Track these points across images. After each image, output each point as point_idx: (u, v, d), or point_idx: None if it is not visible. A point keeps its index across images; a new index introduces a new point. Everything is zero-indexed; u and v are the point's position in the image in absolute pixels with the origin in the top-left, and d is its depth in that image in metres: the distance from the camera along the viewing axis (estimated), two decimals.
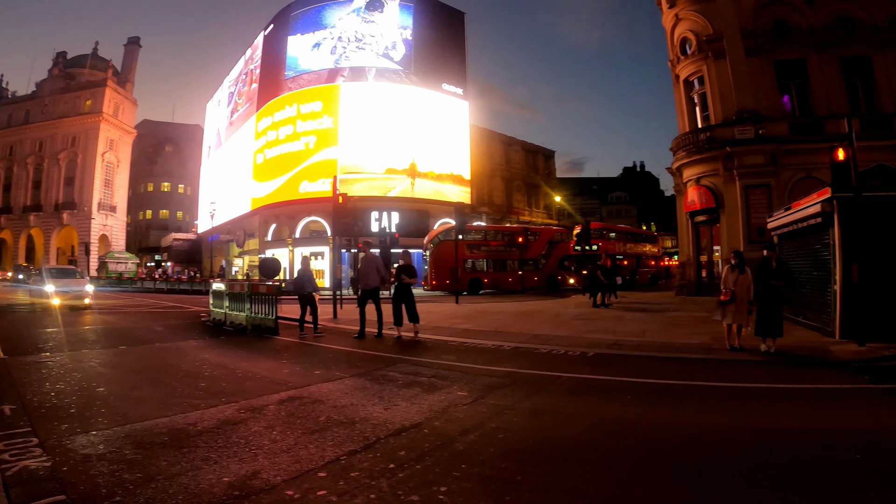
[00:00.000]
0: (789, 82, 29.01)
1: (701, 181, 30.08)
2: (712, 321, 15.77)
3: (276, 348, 12.68)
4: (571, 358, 11.40)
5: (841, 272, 13.07)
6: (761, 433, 6.23)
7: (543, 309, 23.59)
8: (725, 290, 12.13)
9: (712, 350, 12.18)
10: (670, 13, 32.30)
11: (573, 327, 16.46)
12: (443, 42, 51.11)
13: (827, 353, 11.67)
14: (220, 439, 5.64)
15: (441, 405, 7.20)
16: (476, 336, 14.51)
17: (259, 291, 16.17)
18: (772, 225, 18.99)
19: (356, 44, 47.48)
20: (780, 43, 28.89)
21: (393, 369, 9.79)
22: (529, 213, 69.15)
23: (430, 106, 48.64)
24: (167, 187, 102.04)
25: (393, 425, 6.22)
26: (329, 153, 45.27)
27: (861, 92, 28.26)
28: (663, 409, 7.35)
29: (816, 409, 7.48)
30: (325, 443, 5.58)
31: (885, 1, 28.06)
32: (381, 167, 45.50)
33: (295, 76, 48.83)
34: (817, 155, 26.01)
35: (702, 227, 31.32)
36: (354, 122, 45.63)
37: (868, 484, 4.77)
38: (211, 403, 7.08)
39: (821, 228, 14.26)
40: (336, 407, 7.05)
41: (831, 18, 28.41)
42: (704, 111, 30.83)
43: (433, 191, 47.98)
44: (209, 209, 57.46)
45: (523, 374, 9.64)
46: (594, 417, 6.84)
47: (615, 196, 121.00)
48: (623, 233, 52.61)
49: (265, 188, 49.12)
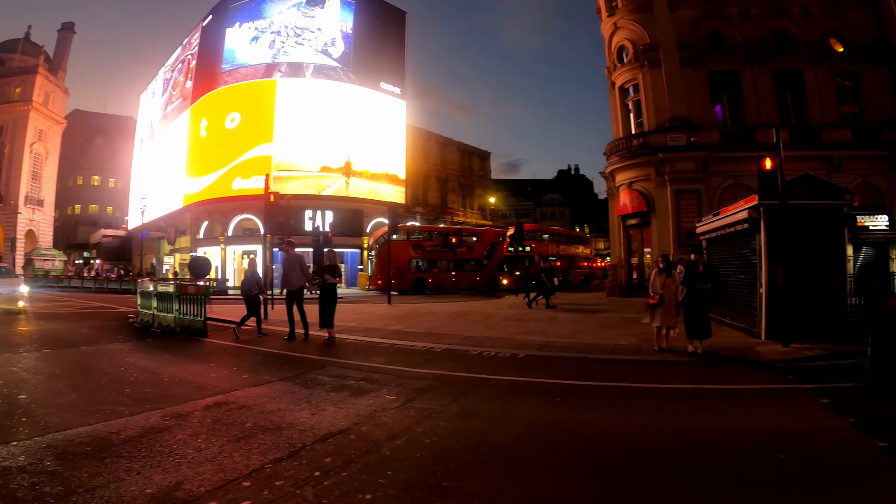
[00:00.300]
0: (722, 92, 30.22)
1: (633, 185, 30.81)
2: (642, 322, 16.13)
3: (205, 351, 12.39)
4: (502, 360, 11.53)
5: (766, 276, 13.74)
6: (689, 433, 6.51)
7: (476, 310, 23.77)
8: (654, 293, 12.47)
9: (641, 351, 12.51)
10: (609, 21, 33.03)
11: (505, 329, 16.63)
12: (383, 40, 50.80)
13: (753, 354, 12.16)
14: (143, 448, 5.52)
15: (369, 409, 7.22)
16: (407, 338, 14.54)
17: (188, 292, 15.69)
18: (701, 229, 19.56)
19: (295, 39, 46.74)
20: (715, 54, 30.06)
21: (322, 373, 9.76)
22: (464, 213, 69.41)
23: (367, 104, 48.24)
24: (97, 181, 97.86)
25: (320, 431, 6.22)
26: (264, 150, 44.41)
27: (791, 104, 29.65)
28: (592, 412, 7.54)
29: (744, 409, 7.77)
30: (251, 450, 5.52)
31: (817, 19, 29.69)
32: (315, 165, 44.92)
33: (232, 70, 47.71)
34: (746, 163, 27.03)
35: (633, 230, 32.10)
36: (290, 119, 44.93)
37: (790, 482, 5.07)
38: (135, 410, 6.89)
39: (748, 234, 14.90)
40: (263, 413, 6.99)
41: (765, 33, 29.80)
42: (638, 118, 31.69)
43: (368, 190, 47.62)
44: (140, 205, 55.78)
45: (453, 376, 9.72)
46: (522, 421, 6.93)
47: (550, 198, 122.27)
48: (556, 234, 53.47)
49: (198, 184, 47.79)
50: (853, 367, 10.03)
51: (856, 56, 29.64)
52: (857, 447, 6.06)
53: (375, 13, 51.10)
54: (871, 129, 28.96)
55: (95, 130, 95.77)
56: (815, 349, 12.12)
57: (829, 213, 14.21)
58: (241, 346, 13.21)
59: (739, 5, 30.20)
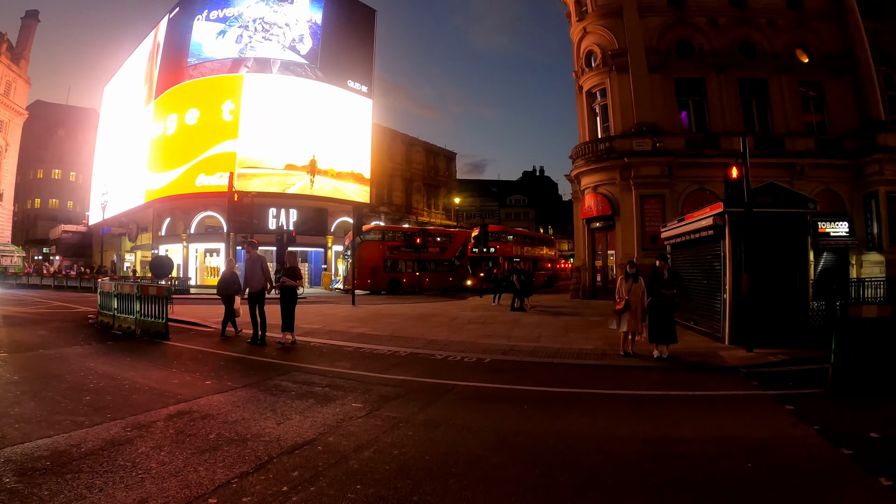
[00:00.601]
0: (688, 99, 30.71)
1: (598, 189, 31.04)
2: (607, 326, 16.28)
3: (167, 355, 12.02)
4: (467, 365, 11.52)
5: (731, 282, 13.97)
6: (660, 442, 6.57)
7: (440, 311, 23.78)
8: (619, 298, 12.62)
9: (607, 356, 12.62)
10: (578, 26, 33.26)
11: (469, 332, 16.65)
12: (351, 38, 50.46)
13: (717, 359, 12.31)
14: (105, 462, 5.34)
15: (335, 418, 7.16)
16: (371, 341, 14.47)
17: (149, 293, 15.25)
18: (665, 234, 19.77)
19: (263, 34, 46.06)
20: (683, 62, 30.51)
21: (286, 378, 9.64)
22: (429, 213, 69.43)
23: (333, 102, 47.86)
24: (58, 175, 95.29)
25: (286, 442, 6.13)
26: (228, 146, 43.68)
27: (756, 112, 30.28)
28: (562, 420, 7.54)
29: (711, 416, 7.90)
30: (216, 464, 5.41)
31: (784, 30, 30.48)
32: (280, 163, 44.39)
33: (198, 63, 46.69)
34: (711, 169, 27.68)
35: (597, 233, 32.33)
36: (256, 116, 44.27)
37: (758, 491, 5.17)
38: (96, 420, 6.68)
39: (712, 240, 15.13)
40: (227, 422, 6.86)
41: (732, 42, 30.42)
42: (605, 122, 31.99)
43: (332, 189, 47.24)
44: (101, 200, 54.80)
45: (419, 382, 9.68)
46: (491, 430, 6.91)
47: (514, 199, 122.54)
48: (521, 236, 53.81)
49: (161, 180, 46.72)
50: (815, 373, 10.25)
51: (820, 67, 30.42)
52: (823, 455, 6.17)
53: (344, 10, 50.76)
54: (833, 139, 29.71)
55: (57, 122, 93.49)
56: (778, 354, 12.36)
57: (793, 221, 14.51)
58: (204, 349, 12.95)
59: (707, 14, 30.69)
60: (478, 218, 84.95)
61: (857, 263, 29.35)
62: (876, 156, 28.30)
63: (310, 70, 46.96)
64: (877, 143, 28.55)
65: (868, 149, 28.73)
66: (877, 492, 5.13)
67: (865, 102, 29.72)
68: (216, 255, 45.99)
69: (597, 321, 19.73)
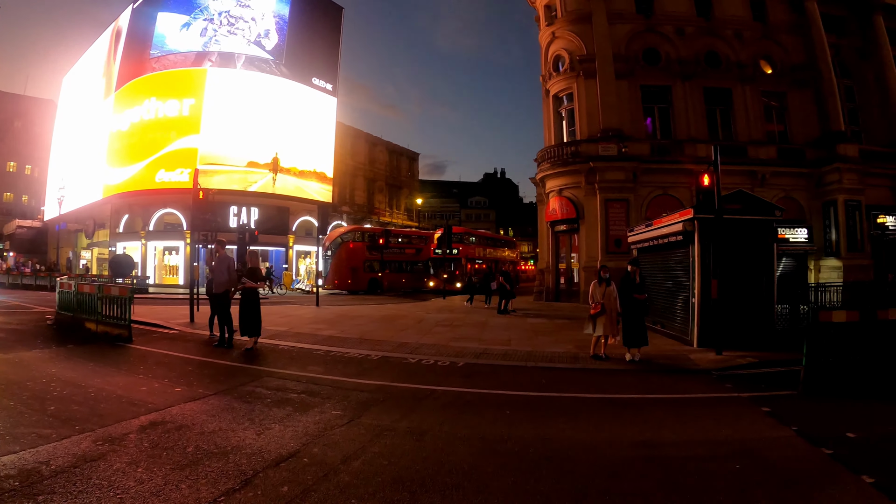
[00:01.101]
0: (654, 106, 31.19)
1: (563, 192, 31.18)
2: (575, 328, 16.44)
3: (131, 360, 11.49)
4: (442, 368, 11.45)
5: (699, 286, 14.18)
6: (647, 446, 6.61)
7: (405, 313, 23.64)
8: (594, 303, 12.61)
9: (580, 359, 12.66)
10: (547, 31, 33.41)
11: (438, 335, 16.55)
12: (317, 35, 49.91)
13: (688, 362, 12.47)
14: (78, 481, 4.96)
15: (317, 427, 6.92)
16: (341, 344, 14.23)
17: (111, 293, 14.68)
18: (632, 239, 19.91)
19: (228, 27, 45.15)
20: (650, 69, 30.94)
21: (259, 384, 9.34)
22: (391, 214, 69.14)
23: (297, 100, 47.26)
24: (13, 167, 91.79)
25: (269, 454, 5.87)
26: (190, 141, 42.69)
27: (720, 120, 30.81)
28: (547, 425, 7.49)
29: (692, 419, 7.98)
30: (199, 480, 5.10)
31: (749, 41, 31.32)
32: (243, 160, 43.57)
33: (161, 56, 45.45)
34: (675, 175, 28.12)
35: (562, 235, 32.52)
36: (219, 111, 43.40)
37: (751, 492, 5.25)
38: (64, 434, 6.26)
39: (681, 245, 15.34)
40: (204, 433, 6.54)
41: (699, 52, 31.05)
42: (571, 126, 32.19)
43: (295, 187, 46.61)
44: (58, 195, 53.39)
45: (396, 387, 9.55)
46: (477, 437, 6.82)
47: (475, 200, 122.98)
48: (483, 237, 53.99)
49: (120, 175, 45.29)
50: (785, 375, 10.57)
51: (784, 78, 31.29)
52: (805, 456, 6.34)
53: (312, 6, 50.29)
54: (795, 148, 30.54)
55: (14, 113, 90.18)
56: (747, 357, 12.60)
57: (761, 227, 14.84)
58: (169, 353, 12.47)
59: (675, 23, 31.18)
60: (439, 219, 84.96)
61: (815, 269, 30.05)
62: (836, 165, 29.15)
63: (275, 66, 46.30)
64: (837, 154, 29.39)
65: (828, 158, 29.53)
66: (861, 489, 5.28)
67: (827, 114, 30.55)
68: (175, 253, 45.11)
69: (563, 324, 19.87)
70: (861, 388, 9.30)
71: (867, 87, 32.59)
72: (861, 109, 32.63)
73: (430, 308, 26.99)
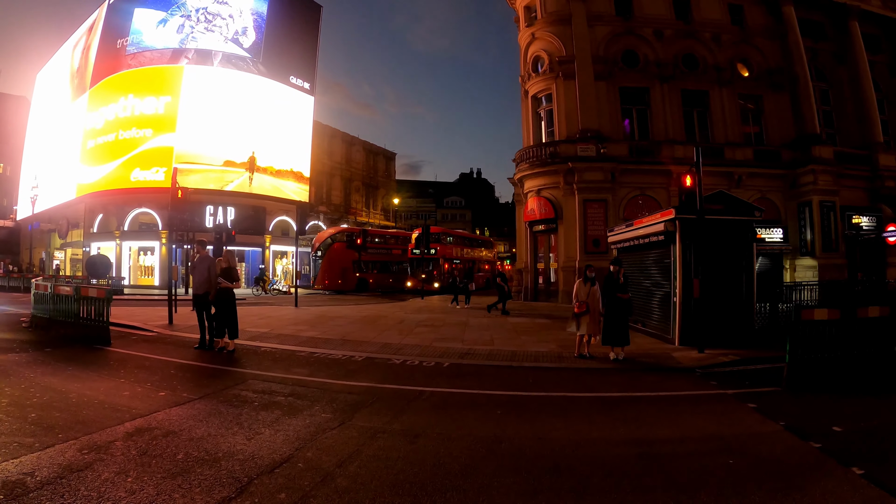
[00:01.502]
0: (632, 107, 31.39)
1: (542, 192, 31.28)
2: (556, 328, 16.53)
3: (111, 363, 11.15)
4: (427, 369, 11.41)
5: (681, 285, 14.37)
6: (640, 444, 6.72)
7: (385, 314, 23.57)
8: (579, 302, 12.70)
9: (563, 358, 12.77)
10: (527, 31, 33.47)
11: (420, 335, 16.52)
12: (295, 33, 49.43)
13: (671, 360, 12.63)
14: (66, 494, 4.72)
15: (308, 431, 6.81)
16: (324, 345, 14.12)
17: (89, 295, 14.26)
18: (613, 239, 20.04)
19: (205, 25, 44.48)
20: (628, 71, 31.20)
21: (244, 387, 9.17)
22: (367, 214, 68.92)
23: (275, 98, 46.77)
24: None
25: (262, 460, 5.73)
26: (165, 140, 41.99)
27: (697, 122, 31.14)
28: (538, 424, 7.52)
29: (681, 416, 8.16)
30: (193, 489, 4.92)
31: (727, 45, 31.88)
32: (219, 159, 42.95)
33: (137, 52, 44.62)
34: (652, 176, 28.37)
35: (540, 235, 32.65)
36: (195, 109, 42.79)
37: (746, 485, 5.40)
38: (47, 442, 5.99)
39: (662, 245, 15.49)
40: (193, 439, 6.36)
41: (677, 54, 31.37)
42: (550, 127, 32.31)
43: (271, 187, 46.10)
44: (31, 194, 52.47)
45: (384, 389, 9.49)
46: (472, 438, 6.79)
47: (451, 200, 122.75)
48: (460, 237, 53.96)
49: (94, 173, 44.37)
50: (768, 372, 10.94)
51: (760, 81, 31.77)
52: (795, 449, 6.52)
53: (290, 4, 49.82)
54: (771, 150, 30.98)
55: None
56: (729, 355, 12.83)
57: (741, 227, 15.05)
58: (150, 356, 12.15)
59: (654, 26, 31.41)
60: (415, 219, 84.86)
61: (790, 268, 30.56)
62: (811, 167, 29.60)
63: (252, 64, 45.77)
64: (812, 156, 29.84)
65: (803, 160, 29.98)
66: (852, 480, 5.48)
67: (802, 116, 31.02)
68: (150, 253, 44.50)
69: (545, 323, 19.97)
70: (842, 384, 9.63)
71: (842, 90, 33.16)
72: (836, 112, 33.23)
73: (409, 308, 26.93)
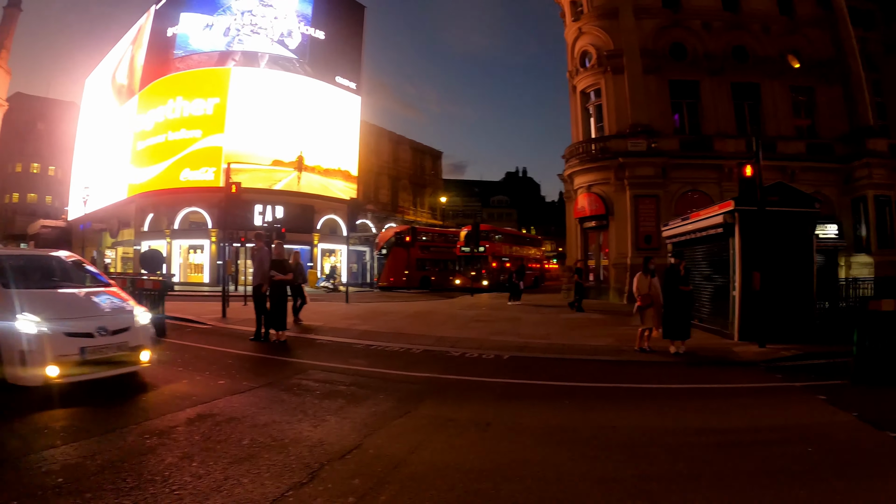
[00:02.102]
0: (682, 101, 30.49)
1: (592, 189, 30.82)
2: (609, 324, 16.48)
3: (169, 353, 10.79)
4: (486, 361, 11.28)
5: (740, 279, 13.97)
6: (714, 433, 6.52)
7: (436, 310, 23.51)
8: (641, 295, 12.46)
9: (622, 352, 12.59)
10: (573, 26, 33.01)
11: (475, 329, 16.41)
12: (340, 34, 49.68)
13: (732, 355, 12.41)
14: (128, 477, 4.55)
15: (374, 419, 6.64)
16: (379, 338, 14.00)
17: (145, 287, 14.33)
18: (668, 233, 19.61)
19: (251, 27, 45.06)
20: (677, 64, 30.44)
21: (305, 377, 9.05)
22: (415, 212, 68.84)
23: (322, 98, 47.06)
24: (37, 169, 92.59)
25: (332, 447, 5.53)
26: (214, 140, 42.74)
27: (748, 115, 30.16)
28: (607, 413, 7.40)
29: (751, 407, 7.90)
30: (261, 474, 4.74)
31: (777, 36, 30.67)
32: (267, 158, 43.48)
33: (184, 56, 45.61)
34: (704, 171, 27.77)
35: (591, 232, 32.21)
36: (243, 110, 43.35)
37: (828, 472, 5.26)
38: (107, 427, 5.91)
39: (720, 238, 15.04)
40: (257, 426, 6.19)
41: (726, 46, 30.44)
42: (599, 122, 31.77)
43: (320, 185, 46.45)
44: (82, 194, 53.47)
45: (445, 379, 9.38)
46: (541, 426, 6.67)
47: (497, 199, 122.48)
48: (509, 235, 53.66)
49: (144, 174, 45.60)
50: (832, 366, 10.65)
51: (811, 73, 30.60)
52: (871, 438, 6.35)
53: (334, 6, 50.01)
54: (823, 143, 29.99)
55: (37, 115, 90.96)
56: (790, 349, 12.50)
57: (801, 220, 14.66)
58: (206, 347, 12.16)
59: (702, 18, 30.65)
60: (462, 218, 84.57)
61: (845, 265, 29.54)
62: (865, 160, 28.59)
63: (298, 65, 46.15)
64: (866, 148, 28.83)
65: (857, 153, 28.99)
66: None
67: (855, 108, 29.95)
68: (200, 251, 45.17)
69: (598, 319, 19.79)
70: None
71: (894, 80, 32.00)
72: (888, 103, 31.97)
73: (460, 305, 26.91)
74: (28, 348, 6.82)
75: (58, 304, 7.89)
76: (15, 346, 6.84)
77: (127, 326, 7.87)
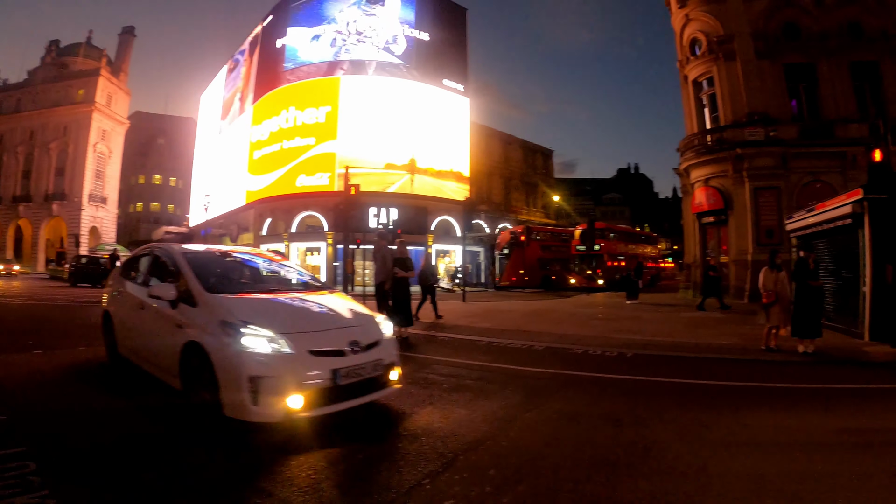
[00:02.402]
0: (798, 85, 28.61)
1: (709, 182, 29.67)
2: (733, 322, 15.91)
3: None
4: (611, 359, 11.05)
5: (871, 273, 12.86)
6: (856, 433, 6.14)
7: (554, 308, 23.30)
8: (766, 291, 11.84)
9: (748, 351, 11.99)
10: (680, 13, 31.86)
11: (596, 327, 16.19)
12: (444, 37, 50.22)
13: (863, 355, 11.63)
14: None
15: (504, 412, 6.61)
16: (500, 335, 13.99)
17: None
18: (792, 226, 18.61)
19: (356, 37, 46.48)
20: (791, 46, 28.51)
21: (430, 371, 9.12)
22: (528, 212, 68.42)
23: (430, 101, 47.75)
24: (158, 180, 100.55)
25: (464, 438, 5.51)
26: (327, 147, 44.34)
27: (869, 96, 27.96)
28: (739, 412, 7.08)
29: (891, 409, 7.41)
30: (397, 462, 4.87)
31: (893, 6, 27.83)
32: (380, 162, 44.56)
33: (294, 68, 47.73)
34: (826, 159, 26.15)
35: (709, 228, 30.96)
36: (354, 116, 44.69)
37: None
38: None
39: (848, 229, 13.96)
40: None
41: (841, 24, 28.07)
42: (713, 112, 30.41)
43: (432, 187, 47.14)
44: (204, 202, 56.39)
45: (571, 375, 9.30)
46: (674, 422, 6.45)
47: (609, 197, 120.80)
48: (623, 233, 52.49)
49: (261, 181, 48.06)
50: None
51: None
52: None
53: (436, 9, 50.59)
54: None
55: (157, 131, 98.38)
56: None
57: None
58: None
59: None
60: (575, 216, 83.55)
61: None
62: None
63: (405, 70, 47.04)
64: None
65: None
66: None
67: None
68: (316, 253, 46.78)
69: (720, 317, 19.04)
70: None
71: None
72: None
73: (577, 303, 26.57)
74: (262, 373, 5.29)
75: (286, 312, 6.52)
76: (240, 369, 5.32)
77: (377, 339, 6.47)
